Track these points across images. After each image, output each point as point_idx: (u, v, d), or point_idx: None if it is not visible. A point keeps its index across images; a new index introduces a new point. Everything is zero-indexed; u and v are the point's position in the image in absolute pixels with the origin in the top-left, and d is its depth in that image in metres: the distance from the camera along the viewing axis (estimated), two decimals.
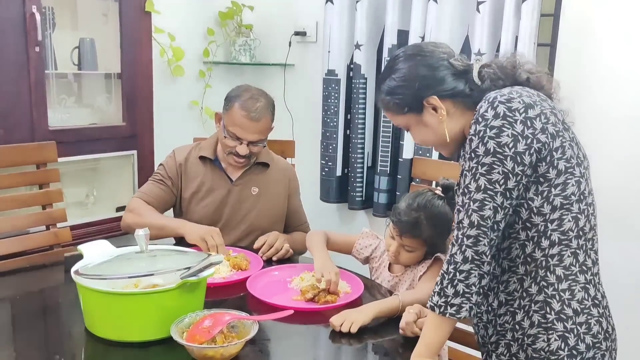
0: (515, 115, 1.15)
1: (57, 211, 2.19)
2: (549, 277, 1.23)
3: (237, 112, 1.94)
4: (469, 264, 1.18)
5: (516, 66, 1.28)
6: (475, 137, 1.18)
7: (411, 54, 1.30)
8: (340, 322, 1.41)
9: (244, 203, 2.07)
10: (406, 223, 1.64)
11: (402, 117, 1.33)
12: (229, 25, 3.03)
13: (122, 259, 1.43)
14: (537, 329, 1.24)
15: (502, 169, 1.16)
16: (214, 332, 1.24)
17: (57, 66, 2.43)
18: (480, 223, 1.17)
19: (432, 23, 2.36)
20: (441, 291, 1.21)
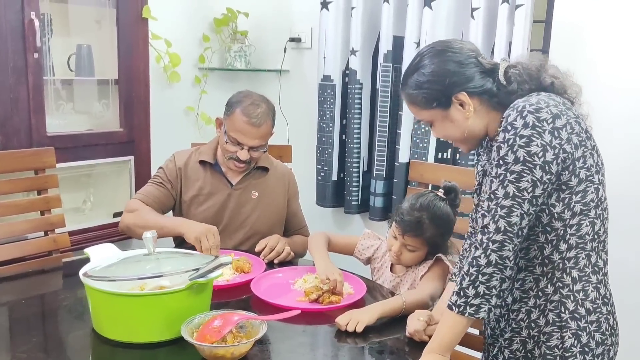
0: (543, 126, 1.19)
1: (56, 217, 2.20)
2: (564, 279, 1.28)
3: (239, 118, 1.95)
4: (492, 268, 1.21)
5: (541, 69, 1.30)
6: (505, 144, 1.21)
7: (440, 49, 1.32)
8: (345, 321, 1.43)
9: (244, 207, 2.09)
10: (409, 222, 1.67)
11: (428, 112, 1.34)
12: (224, 31, 3.05)
13: (129, 262, 1.44)
14: (551, 327, 1.29)
15: (531, 177, 1.19)
16: (224, 332, 1.26)
17: (54, 72, 2.43)
18: (507, 229, 1.20)
19: (427, 29, 2.40)
20: (461, 291, 1.24)
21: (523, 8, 2.16)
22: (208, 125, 3.03)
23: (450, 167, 2.32)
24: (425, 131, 2.48)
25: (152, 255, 1.45)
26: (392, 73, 2.60)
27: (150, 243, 1.43)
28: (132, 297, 1.32)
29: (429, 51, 1.34)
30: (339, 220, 2.96)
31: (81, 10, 2.59)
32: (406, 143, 2.56)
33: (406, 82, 1.35)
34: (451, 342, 1.28)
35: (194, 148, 2.18)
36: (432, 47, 1.35)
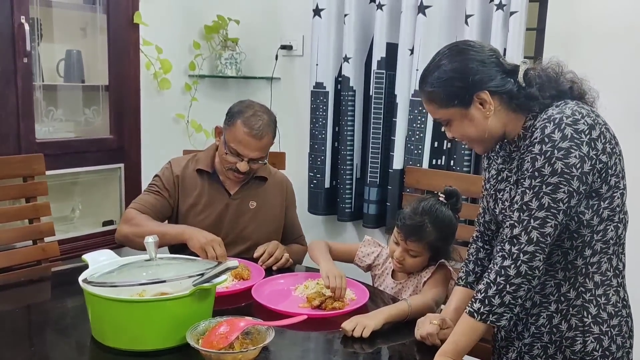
0: (581, 137, 1.19)
1: (45, 225, 2.14)
2: (587, 284, 1.29)
3: (240, 129, 1.91)
4: (521, 278, 1.22)
5: (559, 73, 1.31)
6: (541, 157, 1.21)
7: (462, 48, 1.32)
8: (352, 327, 1.41)
9: (242, 217, 2.04)
10: (411, 227, 1.66)
11: (447, 111, 1.32)
12: (214, 38, 3.03)
13: (130, 267, 1.41)
14: (574, 332, 1.29)
15: (568, 188, 1.20)
16: (231, 338, 1.23)
17: (43, 78, 2.38)
18: (539, 240, 1.21)
19: (421, 36, 2.41)
20: (485, 299, 1.24)
21: (517, 15, 2.18)
22: (198, 132, 3.00)
23: (447, 173, 2.32)
24: (419, 138, 2.48)
25: (154, 261, 1.41)
26: (386, 80, 2.60)
27: (152, 248, 1.40)
28: (135, 304, 1.29)
29: (450, 50, 1.33)
30: (331, 228, 2.94)
31: (70, 15, 2.55)
32: (400, 150, 2.55)
33: (425, 79, 1.34)
34: (466, 347, 1.28)
35: (190, 155, 2.13)
36: (454, 46, 1.34)
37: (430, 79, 1.32)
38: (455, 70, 1.29)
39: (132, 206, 2.01)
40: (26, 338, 1.44)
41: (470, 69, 1.28)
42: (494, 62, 1.30)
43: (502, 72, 1.30)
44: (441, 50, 1.35)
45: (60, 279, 1.96)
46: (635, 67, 2.13)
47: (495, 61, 1.30)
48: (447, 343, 1.29)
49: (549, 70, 1.31)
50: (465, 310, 1.28)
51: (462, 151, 2.39)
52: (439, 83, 1.30)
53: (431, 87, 1.32)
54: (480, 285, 1.27)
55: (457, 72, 1.28)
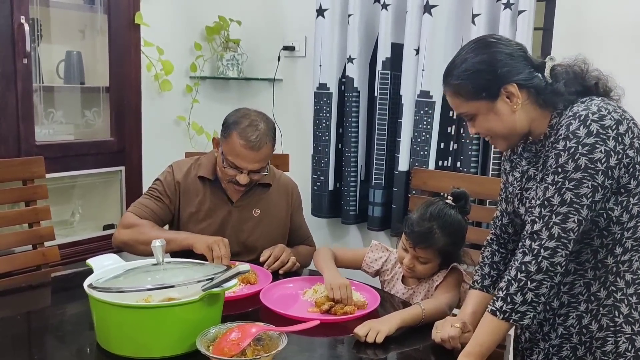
0: (608, 132, 1.18)
1: (45, 229, 2.11)
2: (618, 282, 1.26)
3: (236, 141, 1.81)
4: (542, 274, 1.19)
5: (584, 70, 1.29)
6: (565, 153, 1.19)
7: (490, 41, 1.30)
8: (365, 332, 1.37)
9: (245, 225, 1.98)
10: (419, 234, 1.62)
11: (473, 104, 1.29)
12: (216, 39, 2.99)
13: (137, 272, 1.36)
14: (605, 332, 1.26)
15: (592, 182, 1.18)
16: (243, 345, 1.19)
17: (43, 79, 2.34)
18: (561, 235, 1.18)
19: (427, 35, 2.38)
20: (507, 297, 1.21)
21: (525, 14, 2.15)
22: (200, 135, 2.96)
23: (454, 174, 2.29)
24: (425, 139, 2.45)
25: (161, 265, 1.37)
26: (391, 80, 2.57)
27: (160, 252, 1.36)
28: (143, 310, 1.24)
29: (478, 43, 1.31)
30: (335, 231, 2.90)
31: (70, 16, 2.51)
32: (406, 151, 2.52)
33: (451, 73, 1.31)
34: (490, 347, 1.25)
35: (192, 159, 2.05)
36: (481, 39, 1.33)
37: (457, 72, 1.29)
38: (483, 62, 1.27)
39: (131, 210, 1.94)
40: (26, 345, 1.40)
41: (499, 61, 1.26)
42: (521, 55, 1.28)
43: (530, 67, 1.28)
44: (467, 44, 1.33)
45: (60, 284, 1.93)
46: None
47: (523, 55, 1.28)
48: (470, 345, 1.26)
49: (575, 67, 1.29)
50: (487, 310, 1.25)
51: (469, 152, 2.35)
52: (467, 75, 1.28)
53: (457, 80, 1.29)
54: (501, 283, 1.25)
55: (485, 64, 1.26)
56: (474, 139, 2.35)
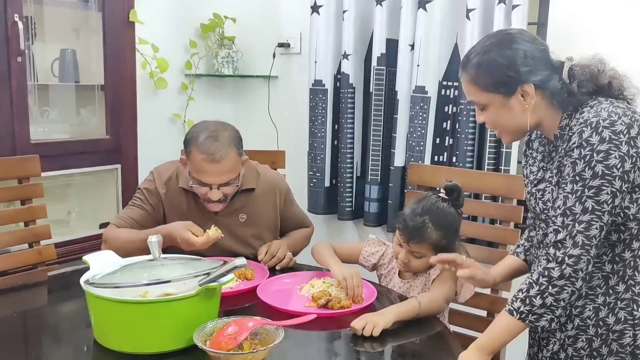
0: (620, 138, 1.19)
1: (41, 228, 2.10)
2: (636, 277, 1.29)
3: (197, 157, 1.74)
4: (564, 280, 1.21)
5: (600, 70, 1.30)
6: (581, 161, 1.21)
7: (516, 37, 1.30)
8: (361, 325, 1.38)
9: (233, 232, 1.93)
10: (412, 229, 1.62)
11: (488, 95, 1.31)
12: (211, 37, 2.99)
13: (133, 268, 1.37)
14: (623, 325, 1.28)
15: (611, 188, 1.20)
16: (240, 339, 1.19)
17: (37, 78, 2.34)
18: (585, 242, 1.21)
19: (422, 31, 2.38)
20: (527, 299, 1.24)
21: (520, 9, 2.15)
22: None
23: (450, 169, 2.29)
24: (421, 134, 2.45)
25: (157, 261, 1.37)
26: (386, 76, 2.57)
27: (156, 248, 1.36)
28: (140, 305, 1.25)
29: (503, 36, 1.32)
30: (332, 227, 2.90)
31: (64, 14, 2.50)
32: (401, 147, 2.52)
33: (471, 60, 1.32)
34: (502, 344, 1.28)
35: (174, 166, 1.96)
36: (507, 33, 1.33)
37: (477, 61, 1.30)
38: (506, 58, 1.27)
39: (113, 222, 1.91)
40: (23, 344, 1.40)
41: (522, 59, 1.27)
42: (543, 56, 1.30)
43: (549, 68, 1.29)
44: (492, 34, 1.35)
45: (57, 282, 1.92)
46: (636, 62, 2.11)
47: (545, 56, 1.30)
48: (484, 337, 1.28)
49: (592, 67, 1.30)
50: (505, 308, 1.27)
51: (465, 147, 2.36)
52: (487, 67, 1.29)
53: (477, 70, 1.30)
54: (522, 284, 1.27)
55: (508, 60, 1.27)
56: (469, 134, 2.35)
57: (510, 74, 1.27)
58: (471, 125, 2.34)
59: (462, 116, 2.36)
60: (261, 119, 3.04)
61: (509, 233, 1.95)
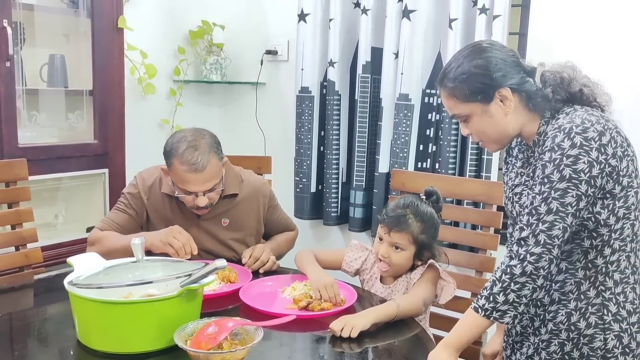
0: (591, 144, 1.23)
1: (28, 231, 2.11)
2: (607, 282, 1.31)
3: (179, 168, 1.78)
4: (525, 277, 1.25)
5: (571, 77, 1.34)
6: (551, 164, 1.25)
7: (485, 46, 1.35)
8: (340, 327, 1.41)
9: (216, 236, 1.97)
10: (393, 218, 1.68)
11: (468, 105, 1.35)
12: (199, 44, 3.02)
13: (117, 270, 1.40)
14: (593, 330, 1.31)
15: (577, 192, 1.23)
16: (219, 338, 1.22)
17: (26, 82, 2.36)
18: (546, 242, 1.24)
19: (406, 40, 2.43)
20: (490, 296, 1.27)
21: (500, 19, 2.21)
22: None
23: (432, 175, 2.33)
24: (405, 141, 2.49)
25: (140, 263, 1.40)
26: (371, 84, 2.62)
27: (139, 250, 1.38)
28: (122, 305, 1.27)
29: (474, 47, 1.37)
30: (317, 232, 2.94)
31: (54, 19, 2.53)
32: (386, 153, 2.56)
33: (447, 75, 1.36)
34: (469, 340, 1.31)
35: (157, 171, 1.99)
36: (476, 45, 1.38)
37: (453, 75, 1.35)
38: (478, 66, 1.32)
39: (97, 226, 1.94)
40: (8, 346, 1.40)
41: (494, 65, 1.31)
42: (514, 61, 1.34)
43: (522, 72, 1.34)
44: (463, 49, 1.39)
45: (43, 285, 1.93)
46: (614, 72, 2.17)
47: (515, 60, 1.34)
48: (451, 334, 1.32)
49: (563, 74, 1.34)
50: (471, 306, 1.31)
51: (447, 154, 2.41)
52: (463, 79, 1.33)
53: (453, 83, 1.34)
54: (487, 282, 1.30)
55: (481, 68, 1.32)
56: (451, 141, 2.40)
57: (485, 80, 1.31)
58: (453, 132, 2.39)
59: (444, 124, 2.40)
60: (249, 125, 3.08)
61: (489, 238, 1.99)
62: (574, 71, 1.36)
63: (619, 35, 2.16)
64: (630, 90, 2.08)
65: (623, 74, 2.11)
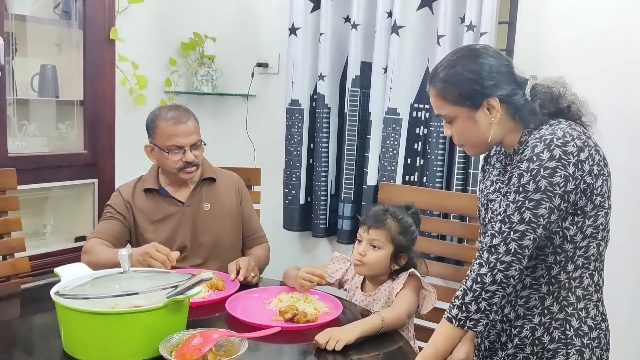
0: (569, 159, 1.24)
1: (15, 240, 2.11)
2: (570, 298, 1.33)
3: (165, 125, 1.98)
4: (496, 286, 1.26)
5: (561, 93, 1.35)
6: (527, 173, 1.25)
7: (481, 52, 1.34)
8: (325, 339, 1.42)
9: (199, 221, 2.07)
10: (373, 216, 1.73)
11: (455, 108, 1.35)
12: (191, 55, 3.05)
13: (103, 280, 1.40)
14: (556, 345, 1.33)
15: (550, 204, 1.24)
16: (204, 350, 1.23)
17: (17, 92, 2.37)
18: (517, 251, 1.25)
19: (395, 55, 2.47)
20: (463, 306, 1.28)
21: (487, 36, 2.25)
22: None
23: (419, 189, 2.36)
24: (393, 154, 2.52)
25: (127, 274, 1.41)
26: (360, 98, 2.65)
27: (126, 261, 1.40)
28: (107, 316, 1.28)
29: (469, 51, 1.37)
30: (306, 244, 2.95)
31: (45, 30, 2.54)
32: (374, 166, 2.59)
33: (438, 74, 1.37)
34: (446, 352, 1.32)
35: (135, 179, 2.15)
36: (472, 48, 1.38)
37: (444, 75, 1.35)
38: (472, 72, 1.32)
39: (91, 235, 2.02)
40: None
41: (487, 74, 1.31)
42: (508, 71, 1.34)
43: (514, 83, 1.34)
44: (458, 49, 1.39)
45: (30, 295, 1.93)
46: (599, 89, 2.21)
47: (509, 71, 1.35)
48: (427, 346, 1.33)
49: (554, 89, 1.35)
50: (444, 316, 1.32)
51: (435, 168, 2.43)
52: (454, 81, 1.33)
53: (444, 84, 1.35)
54: (458, 292, 1.31)
55: (474, 74, 1.32)
56: (439, 155, 2.43)
57: (476, 87, 1.32)
58: (441, 147, 2.42)
59: (432, 138, 2.43)
60: (239, 137, 3.10)
61: (475, 252, 2.00)
62: (564, 87, 1.36)
63: (604, 52, 2.20)
64: (612, 108, 2.12)
65: (607, 93, 2.15)
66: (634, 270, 2.23)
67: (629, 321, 2.23)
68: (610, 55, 2.19)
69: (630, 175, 2.17)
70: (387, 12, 2.49)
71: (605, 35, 2.20)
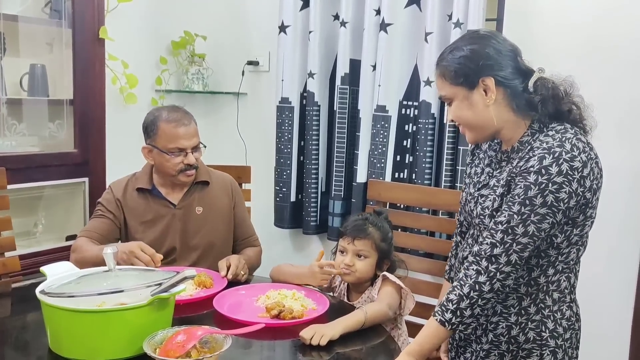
0: (574, 174, 1.25)
1: (6, 239, 2.12)
2: (546, 300, 1.35)
3: (168, 127, 1.96)
4: (492, 294, 1.29)
5: (568, 93, 1.35)
6: (535, 187, 1.25)
7: (486, 35, 1.36)
8: (310, 335, 1.44)
9: (190, 224, 2.06)
10: (355, 226, 1.77)
11: (453, 88, 1.36)
12: (181, 54, 3.05)
13: (89, 279, 1.41)
14: (532, 345, 1.35)
15: (553, 220, 1.26)
16: (188, 347, 1.24)
17: (6, 92, 2.38)
18: (517, 263, 1.28)
19: (383, 52, 2.47)
20: (458, 311, 1.30)
21: None
22: None
23: (407, 186, 2.38)
24: (382, 152, 2.53)
25: (112, 272, 1.42)
26: (349, 95, 2.66)
27: (111, 259, 1.41)
28: (92, 314, 1.29)
29: (473, 33, 1.40)
30: (297, 241, 2.97)
31: (35, 30, 2.55)
32: (364, 163, 2.60)
33: (443, 55, 1.39)
34: (430, 349, 1.35)
35: (128, 176, 2.14)
36: (477, 31, 1.41)
37: (447, 56, 1.37)
38: (471, 50, 1.33)
39: (80, 234, 2.02)
40: None
41: (485, 53, 1.32)
42: (509, 55, 1.34)
43: (514, 69, 1.34)
44: (466, 34, 1.43)
45: (20, 294, 1.94)
46: (585, 84, 2.22)
47: (511, 55, 1.34)
48: (413, 343, 1.35)
49: (560, 88, 1.34)
50: (435, 318, 1.33)
51: (423, 165, 2.45)
52: (453, 59, 1.35)
53: (445, 62, 1.36)
54: (451, 295, 1.32)
55: (472, 53, 1.33)
56: (427, 152, 2.44)
57: (472, 66, 1.32)
58: (429, 144, 2.43)
59: (421, 135, 2.45)
60: (230, 135, 3.11)
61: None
62: (572, 87, 1.36)
63: (591, 48, 2.21)
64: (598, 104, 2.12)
65: (594, 88, 2.15)
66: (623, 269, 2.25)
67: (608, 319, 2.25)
68: (597, 51, 2.20)
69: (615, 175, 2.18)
70: (376, 9, 2.50)
71: (591, 31, 2.21)
